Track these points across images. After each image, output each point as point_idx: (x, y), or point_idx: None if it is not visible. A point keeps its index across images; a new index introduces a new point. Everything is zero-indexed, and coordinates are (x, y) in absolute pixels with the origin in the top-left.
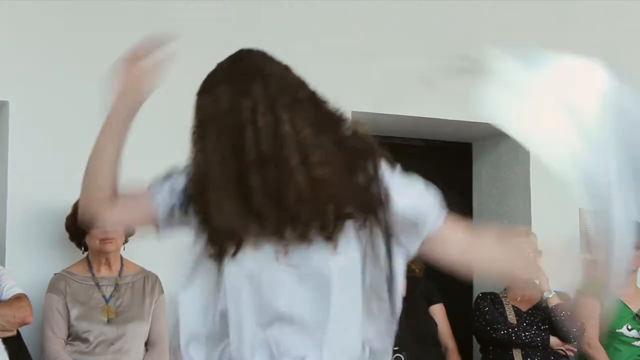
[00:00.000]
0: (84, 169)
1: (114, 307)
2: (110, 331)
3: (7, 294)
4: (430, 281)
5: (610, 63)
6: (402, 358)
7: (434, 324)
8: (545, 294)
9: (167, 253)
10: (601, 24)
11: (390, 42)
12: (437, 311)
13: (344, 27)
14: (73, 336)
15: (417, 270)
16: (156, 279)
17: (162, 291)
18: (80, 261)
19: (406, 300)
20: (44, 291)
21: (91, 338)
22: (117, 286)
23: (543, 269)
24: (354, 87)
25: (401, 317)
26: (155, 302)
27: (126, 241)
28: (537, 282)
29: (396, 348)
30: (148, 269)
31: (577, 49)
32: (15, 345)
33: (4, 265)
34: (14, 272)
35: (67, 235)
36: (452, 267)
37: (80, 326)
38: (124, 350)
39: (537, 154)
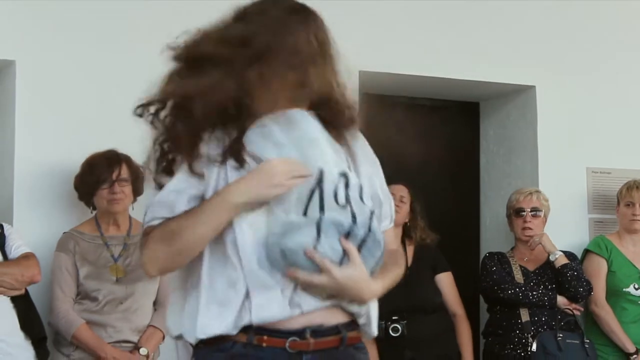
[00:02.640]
0: (91, 128)
1: (123, 266)
2: (119, 290)
3: (15, 253)
4: (438, 249)
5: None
6: (399, 328)
7: (437, 293)
8: (551, 254)
9: None
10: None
11: (397, 1)
12: (444, 279)
13: None
14: (82, 295)
15: (428, 241)
16: None
17: None
18: (89, 220)
19: (410, 268)
20: (52, 250)
21: (100, 297)
22: (125, 245)
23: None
24: (362, 47)
25: (402, 286)
26: None
27: (134, 200)
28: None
29: (395, 317)
30: None
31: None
32: (23, 303)
33: (12, 224)
34: (22, 231)
35: (75, 194)
36: None
37: (89, 285)
38: (133, 309)
39: None
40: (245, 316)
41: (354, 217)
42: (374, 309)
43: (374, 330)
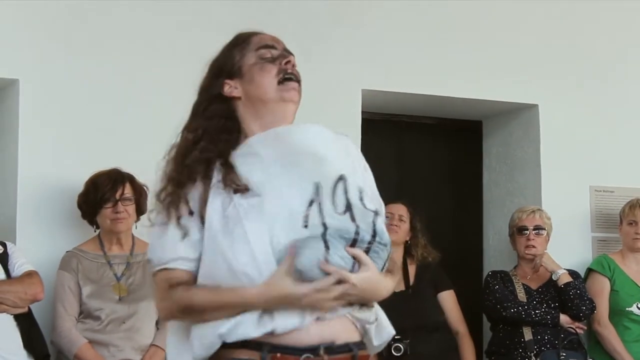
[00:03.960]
0: (94, 147)
1: (126, 285)
2: (122, 309)
3: (18, 271)
4: (440, 268)
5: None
6: (402, 347)
7: (440, 312)
8: (554, 273)
9: None
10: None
11: (400, 19)
12: (446, 298)
13: (355, 4)
14: (85, 314)
15: (429, 259)
16: None
17: None
18: (92, 239)
19: (412, 287)
20: (55, 269)
21: (103, 316)
22: (128, 265)
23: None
24: (365, 66)
25: (405, 305)
26: None
27: (138, 219)
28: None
29: (397, 337)
30: None
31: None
32: (26, 322)
33: (15, 242)
34: (25, 250)
35: (78, 212)
36: None
37: (92, 304)
38: (135, 328)
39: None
40: (268, 323)
41: (355, 222)
42: (381, 312)
43: (391, 329)
